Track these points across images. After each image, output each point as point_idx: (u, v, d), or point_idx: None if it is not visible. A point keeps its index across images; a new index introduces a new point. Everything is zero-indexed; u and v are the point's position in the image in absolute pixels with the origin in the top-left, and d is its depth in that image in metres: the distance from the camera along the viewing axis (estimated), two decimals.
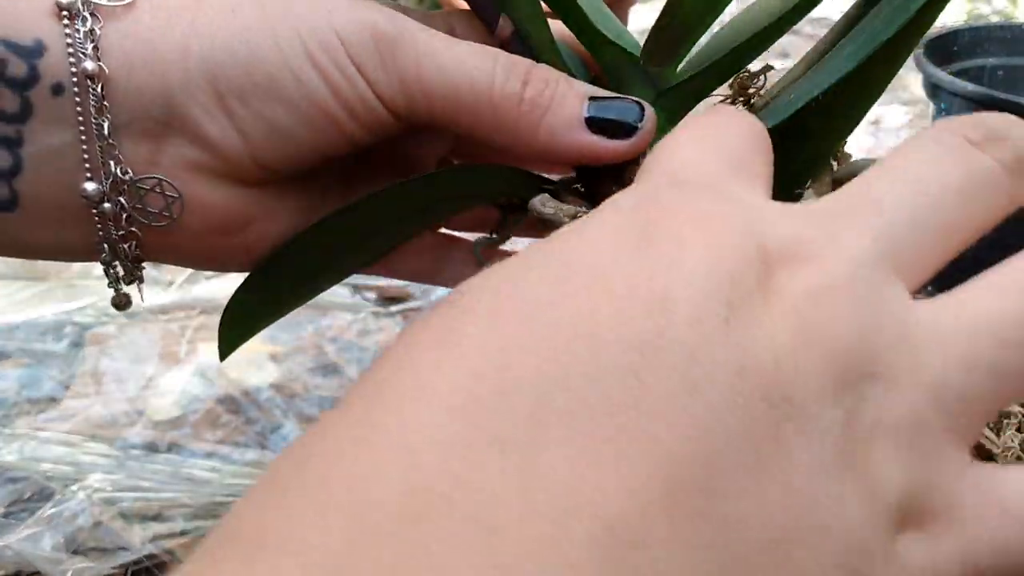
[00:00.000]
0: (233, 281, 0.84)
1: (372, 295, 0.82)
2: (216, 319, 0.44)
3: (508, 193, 0.34)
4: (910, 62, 0.82)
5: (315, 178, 0.36)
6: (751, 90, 0.32)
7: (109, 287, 0.38)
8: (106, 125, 0.31)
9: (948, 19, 1.46)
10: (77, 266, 0.84)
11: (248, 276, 0.36)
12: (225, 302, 0.45)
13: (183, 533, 0.58)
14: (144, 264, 0.36)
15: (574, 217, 0.29)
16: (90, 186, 0.31)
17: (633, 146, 0.30)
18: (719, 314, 0.17)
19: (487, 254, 0.37)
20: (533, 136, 0.31)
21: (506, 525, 0.15)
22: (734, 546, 0.16)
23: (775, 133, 0.25)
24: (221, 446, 0.65)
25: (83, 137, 0.31)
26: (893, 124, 1.12)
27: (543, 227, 0.30)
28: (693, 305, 0.17)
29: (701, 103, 0.31)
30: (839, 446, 0.17)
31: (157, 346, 0.73)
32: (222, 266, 0.38)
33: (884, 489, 0.18)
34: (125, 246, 0.34)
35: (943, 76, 0.72)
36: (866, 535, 0.17)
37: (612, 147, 0.30)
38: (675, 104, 0.31)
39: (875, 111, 1.15)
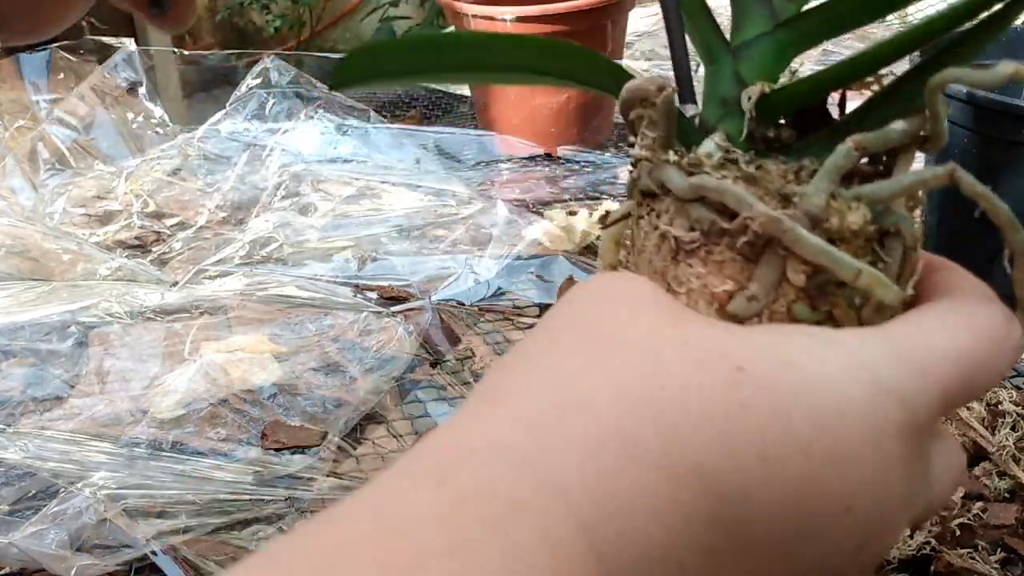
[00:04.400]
0: (234, 282, 0.84)
1: (373, 295, 0.83)
2: (218, 319, 0.44)
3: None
4: (905, 65, 0.83)
5: None
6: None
7: None
8: None
9: None
10: (81, 267, 0.85)
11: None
12: (227, 303, 0.45)
13: (187, 530, 0.58)
14: None
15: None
16: None
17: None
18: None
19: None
20: None
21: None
22: None
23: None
24: (224, 444, 0.65)
25: None
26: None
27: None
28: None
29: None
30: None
31: (161, 346, 0.74)
32: None
33: None
34: None
35: None
36: None
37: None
38: (792, 37, 0.30)
39: None
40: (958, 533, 0.52)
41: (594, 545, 0.20)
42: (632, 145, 0.30)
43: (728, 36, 0.31)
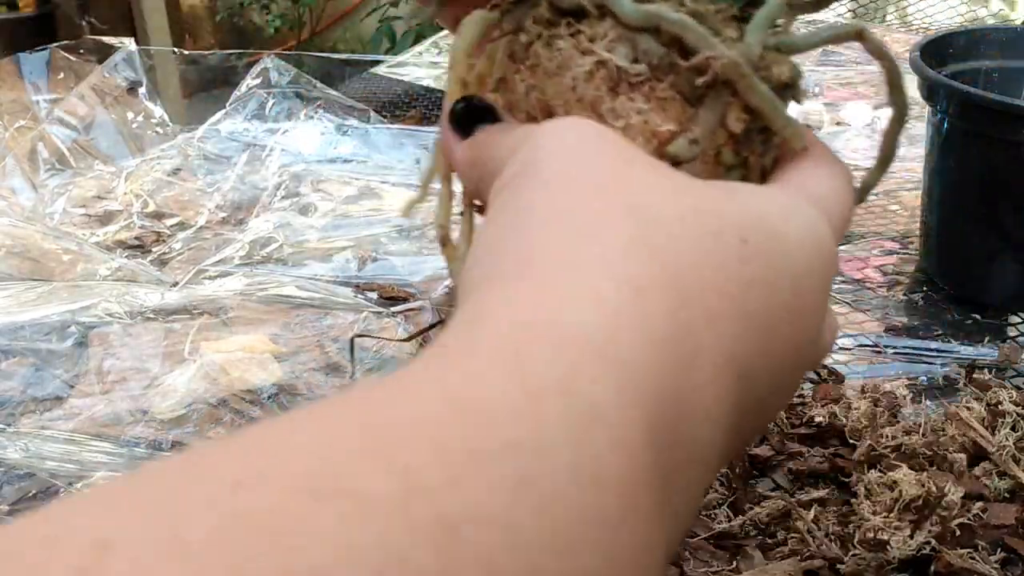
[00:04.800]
0: (234, 282, 0.84)
1: (374, 295, 0.83)
2: (218, 319, 0.44)
3: None
4: (905, 65, 0.83)
5: None
6: None
7: None
8: None
9: (945, 22, 1.47)
10: (81, 267, 0.85)
11: None
12: (227, 303, 0.45)
13: None
14: None
15: None
16: None
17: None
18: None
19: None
20: None
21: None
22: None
23: None
24: None
25: None
26: None
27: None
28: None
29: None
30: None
31: (161, 346, 0.74)
32: None
33: None
34: None
35: (939, 78, 0.73)
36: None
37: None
38: None
39: (872, 112, 1.16)
40: (958, 533, 0.52)
41: (656, 454, 0.20)
42: None
43: None
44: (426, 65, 1.49)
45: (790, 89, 0.28)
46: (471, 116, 0.27)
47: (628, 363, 0.20)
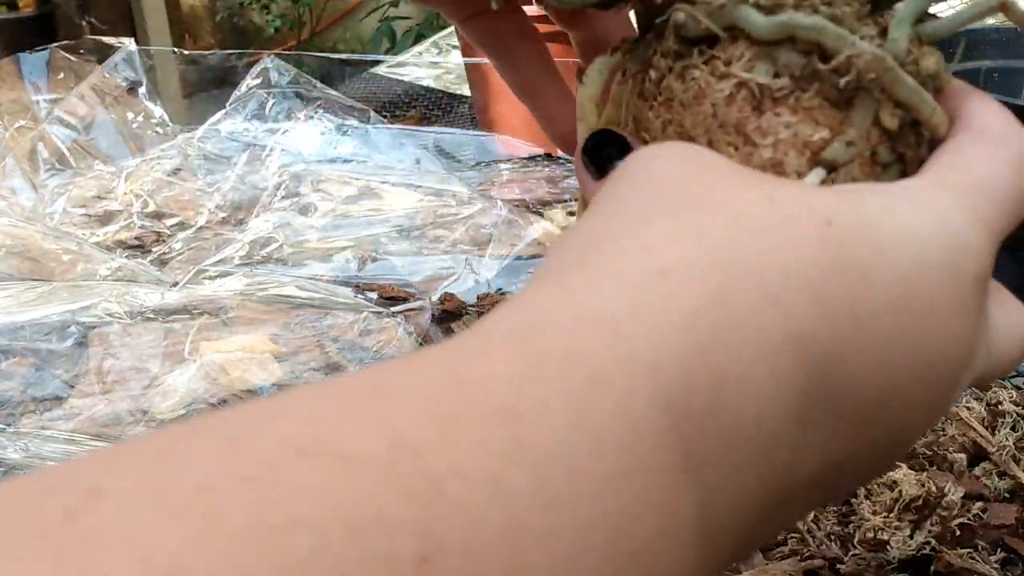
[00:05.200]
0: (234, 282, 0.84)
1: (374, 295, 0.83)
2: (218, 319, 0.44)
3: None
4: None
5: None
6: None
7: None
8: None
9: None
10: (81, 267, 0.85)
11: None
12: (227, 303, 0.45)
13: None
14: None
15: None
16: None
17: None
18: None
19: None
20: None
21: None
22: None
23: None
24: None
25: None
26: None
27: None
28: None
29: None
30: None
31: (161, 346, 0.74)
32: None
33: None
34: None
35: None
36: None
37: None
38: None
39: None
40: (958, 533, 0.52)
41: (677, 424, 0.19)
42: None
43: None
44: (426, 65, 1.50)
45: (935, 79, 0.27)
46: (603, 151, 0.27)
47: (642, 336, 0.20)
